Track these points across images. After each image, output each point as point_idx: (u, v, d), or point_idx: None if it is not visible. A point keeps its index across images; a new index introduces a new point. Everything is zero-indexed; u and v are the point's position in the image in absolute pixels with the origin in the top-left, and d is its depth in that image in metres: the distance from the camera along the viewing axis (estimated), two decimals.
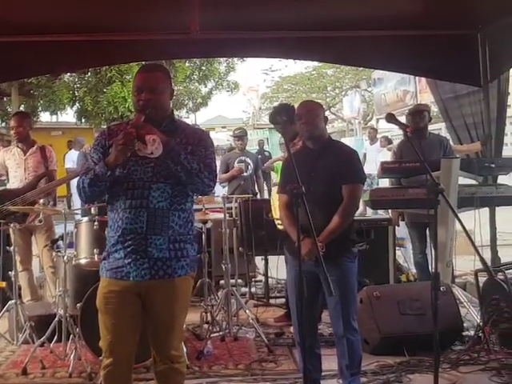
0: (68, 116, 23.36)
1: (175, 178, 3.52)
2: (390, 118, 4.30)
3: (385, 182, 8.26)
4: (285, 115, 5.91)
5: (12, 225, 6.24)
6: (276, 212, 5.46)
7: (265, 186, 11.94)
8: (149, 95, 3.55)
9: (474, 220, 6.76)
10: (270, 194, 11.09)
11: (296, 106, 5.15)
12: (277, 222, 5.44)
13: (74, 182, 13.07)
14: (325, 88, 45.40)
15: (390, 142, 16.41)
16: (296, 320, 4.49)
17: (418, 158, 4.17)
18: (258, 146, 17.78)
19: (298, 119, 4.48)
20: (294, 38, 6.08)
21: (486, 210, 7.39)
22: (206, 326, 6.26)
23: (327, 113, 47.62)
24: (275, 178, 9.42)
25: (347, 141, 34.21)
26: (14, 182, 7.11)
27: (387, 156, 13.08)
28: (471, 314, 6.25)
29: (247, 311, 6.45)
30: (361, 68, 33.35)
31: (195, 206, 7.86)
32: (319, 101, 46.35)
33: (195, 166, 3.46)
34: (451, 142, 7.91)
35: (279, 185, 4.75)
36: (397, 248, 7.96)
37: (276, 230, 5.81)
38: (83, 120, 19.41)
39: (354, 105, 38.61)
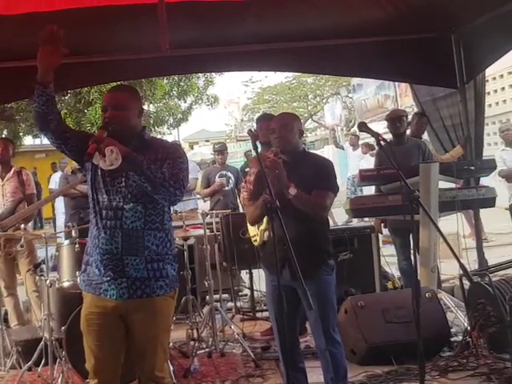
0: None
1: (147, 197, 3.52)
2: (362, 126, 4.31)
3: (372, 190, 8.28)
4: (257, 127, 5.90)
5: None
6: (251, 230, 5.42)
7: None
8: (113, 112, 3.58)
9: (457, 223, 6.80)
10: None
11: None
12: (253, 239, 5.41)
13: (58, 204, 13.05)
14: (306, 96, 45.55)
15: (371, 148, 16.44)
16: (277, 335, 4.47)
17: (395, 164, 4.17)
18: (246, 157, 17.52)
19: (271, 133, 4.46)
20: (266, 51, 6.10)
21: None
22: (192, 343, 6.24)
23: (309, 121, 48.07)
24: None
25: (330, 148, 34.39)
26: None
27: (370, 162, 13.11)
28: (459, 318, 6.23)
29: (232, 326, 6.43)
30: None
31: (175, 223, 7.88)
32: (300, 109, 46.62)
33: (159, 175, 3.44)
34: (430, 146, 7.95)
35: (251, 193, 4.67)
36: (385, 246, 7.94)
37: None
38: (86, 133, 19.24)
39: (335, 112, 38.76)
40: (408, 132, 7.73)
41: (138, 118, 3.73)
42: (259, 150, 4.25)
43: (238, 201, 9.38)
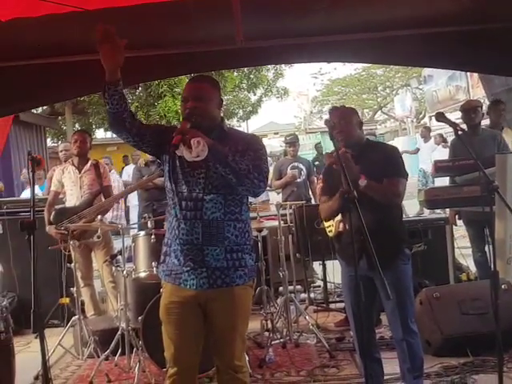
0: None
1: (227, 188, 3.55)
2: (440, 116, 4.26)
3: (444, 181, 8.15)
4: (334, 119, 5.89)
5: (71, 242, 6.38)
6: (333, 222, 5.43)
7: None
8: (194, 103, 3.60)
9: None
10: None
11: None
12: (327, 229, 5.40)
13: (131, 196, 13.21)
14: (375, 88, 45.18)
15: (444, 139, 16.20)
16: (354, 326, 4.48)
17: (470, 155, 4.12)
18: (316, 150, 17.39)
19: (332, 127, 4.45)
20: (336, 42, 6.05)
21: None
22: (266, 333, 6.29)
23: (378, 113, 47.67)
24: None
25: (400, 140, 34.05)
26: (71, 200, 7.25)
27: (442, 153, 12.93)
28: None
29: (307, 317, 6.45)
30: None
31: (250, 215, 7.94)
32: (370, 101, 46.35)
33: (244, 167, 3.46)
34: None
35: (321, 188, 4.70)
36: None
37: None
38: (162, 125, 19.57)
39: (405, 104, 38.30)
40: (488, 122, 7.59)
41: (217, 109, 3.76)
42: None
43: (310, 192, 9.41)
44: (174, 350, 3.66)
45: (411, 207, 13.68)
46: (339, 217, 4.61)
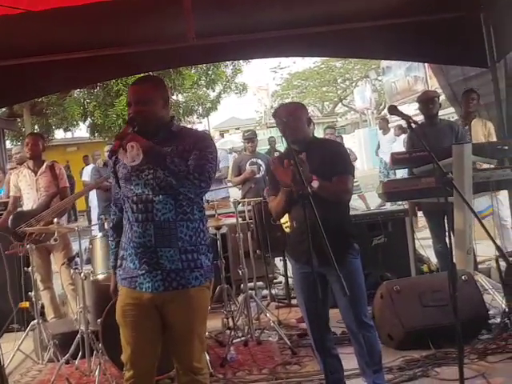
0: (82, 131, 23.61)
1: (174, 189, 3.51)
2: (392, 109, 4.25)
3: (404, 173, 8.18)
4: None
5: (28, 246, 6.29)
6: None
7: None
8: (137, 107, 3.57)
9: (492, 203, 6.69)
10: None
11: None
12: (284, 226, 5.37)
13: (92, 197, 13.10)
14: (335, 81, 45.41)
15: (404, 130, 16.27)
16: (308, 324, 4.45)
17: (428, 146, 4.11)
18: (269, 144, 17.45)
19: (279, 123, 4.42)
20: (291, 36, 6.04)
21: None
22: (228, 331, 6.25)
23: (339, 105, 47.90)
24: None
25: (361, 132, 34.25)
26: (28, 203, 7.19)
27: (403, 145, 12.98)
28: (497, 300, 6.12)
29: (268, 314, 6.42)
30: None
31: (207, 212, 7.88)
32: (330, 94, 46.55)
33: (183, 169, 3.44)
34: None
35: (269, 187, 4.66)
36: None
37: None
38: (96, 134, 19.56)
39: (365, 95, 38.55)
40: (446, 113, 7.64)
41: (164, 109, 3.70)
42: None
43: None
44: (130, 352, 3.63)
45: (373, 199, 13.74)
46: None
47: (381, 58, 11.45)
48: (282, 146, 19.91)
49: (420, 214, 7.62)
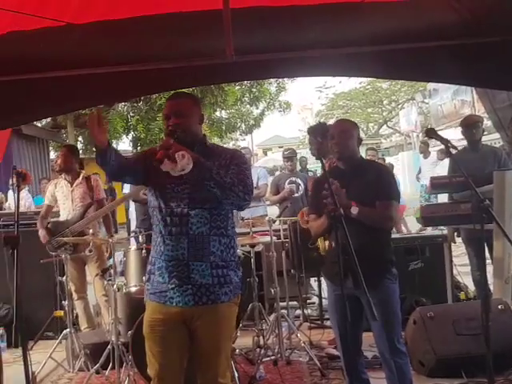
0: (124, 144, 23.82)
1: (212, 202, 3.54)
2: (430, 133, 4.20)
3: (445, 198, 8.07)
4: (319, 136, 5.83)
5: (63, 255, 6.37)
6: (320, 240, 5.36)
7: None
8: (176, 119, 3.61)
9: None
10: None
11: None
12: (319, 249, 5.35)
13: (132, 209, 13.19)
14: (380, 102, 45.21)
15: (447, 154, 16.07)
16: (340, 346, 4.40)
17: (469, 171, 4.06)
18: (300, 164, 17.01)
19: (330, 138, 4.41)
20: (340, 56, 6.00)
21: None
22: (258, 350, 6.20)
23: (383, 127, 47.63)
24: None
25: (405, 155, 33.95)
26: (63, 213, 7.28)
27: (445, 169, 12.82)
28: None
29: (299, 334, 6.36)
30: None
31: (243, 230, 7.86)
32: (375, 115, 46.34)
33: (228, 180, 3.46)
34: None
35: (309, 206, 4.66)
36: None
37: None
38: (138, 148, 19.76)
39: (410, 118, 38.24)
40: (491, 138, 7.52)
41: (199, 125, 3.78)
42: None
43: None
44: (157, 367, 3.64)
45: (414, 223, 13.61)
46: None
47: (425, 80, 11.34)
48: (316, 167, 19.87)
49: (460, 240, 7.48)
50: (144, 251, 5.68)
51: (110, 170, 3.58)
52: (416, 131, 37.38)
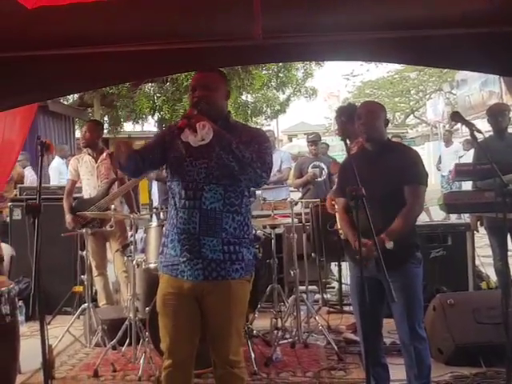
0: (150, 125, 23.85)
1: (228, 179, 3.53)
2: (455, 116, 4.14)
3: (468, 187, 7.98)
4: (344, 116, 5.79)
5: (84, 230, 6.39)
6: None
7: None
8: (202, 92, 3.62)
9: None
10: None
11: None
12: (340, 231, 5.31)
13: (154, 189, 13.25)
14: (408, 92, 44.82)
15: (473, 144, 15.88)
16: (360, 328, 4.37)
17: (495, 159, 4.01)
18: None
19: (357, 119, 4.38)
20: (362, 40, 5.93)
21: None
22: (275, 332, 6.19)
23: (410, 117, 47.26)
24: None
25: (431, 145, 33.69)
26: (87, 189, 7.28)
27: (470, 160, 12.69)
28: None
29: (317, 318, 6.34)
30: (445, 70, 32.81)
31: (265, 212, 7.83)
32: (402, 105, 45.97)
33: (247, 155, 3.44)
34: None
35: (336, 188, 4.65)
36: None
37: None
38: (163, 128, 19.69)
39: (438, 108, 37.88)
40: None
41: (224, 100, 3.78)
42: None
43: None
44: (169, 341, 3.66)
45: (437, 213, 13.49)
46: None
47: (453, 67, 11.16)
48: (339, 156, 19.69)
49: (483, 231, 7.39)
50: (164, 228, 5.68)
51: (128, 174, 3.82)
52: (442, 122, 37.05)
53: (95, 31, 5.71)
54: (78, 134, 20.89)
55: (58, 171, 12.92)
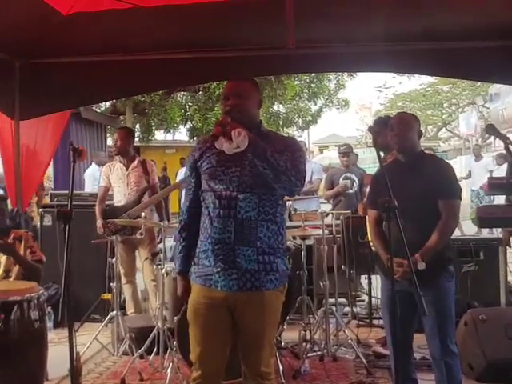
0: (181, 134, 24.00)
1: (262, 187, 3.49)
2: (490, 128, 4.09)
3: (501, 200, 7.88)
4: (377, 126, 5.74)
5: (114, 237, 6.40)
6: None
7: None
8: (234, 100, 3.59)
9: None
10: None
11: None
12: (371, 243, 5.26)
13: (183, 199, 13.35)
14: (440, 105, 44.57)
15: (506, 158, 15.69)
16: (390, 342, 4.31)
17: None
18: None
19: (390, 130, 4.33)
20: (395, 52, 5.90)
21: None
22: (304, 344, 6.14)
23: (442, 130, 46.94)
24: None
25: (463, 159, 33.37)
26: (118, 196, 7.31)
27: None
28: None
29: (346, 331, 6.28)
30: (478, 83, 32.57)
31: (294, 223, 7.79)
32: (434, 118, 45.69)
33: (282, 163, 3.41)
34: None
35: (368, 200, 4.60)
36: None
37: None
38: (195, 138, 19.81)
39: (470, 122, 37.60)
40: None
41: (257, 109, 3.75)
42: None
43: None
44: (199, 352, 3.59)
45: (469, 227, 13.34)
46: None
47: (484, 80, 11.09)
48: (369, 168, 19.57)
49: None
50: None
51: None
52: (475, 136, 36.76)
53: (130, 39, 5.75)
54: (109, 141, 21.05)
55: (93, 177, 13.00)
